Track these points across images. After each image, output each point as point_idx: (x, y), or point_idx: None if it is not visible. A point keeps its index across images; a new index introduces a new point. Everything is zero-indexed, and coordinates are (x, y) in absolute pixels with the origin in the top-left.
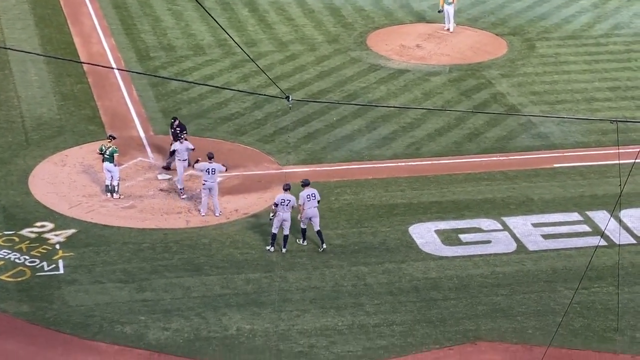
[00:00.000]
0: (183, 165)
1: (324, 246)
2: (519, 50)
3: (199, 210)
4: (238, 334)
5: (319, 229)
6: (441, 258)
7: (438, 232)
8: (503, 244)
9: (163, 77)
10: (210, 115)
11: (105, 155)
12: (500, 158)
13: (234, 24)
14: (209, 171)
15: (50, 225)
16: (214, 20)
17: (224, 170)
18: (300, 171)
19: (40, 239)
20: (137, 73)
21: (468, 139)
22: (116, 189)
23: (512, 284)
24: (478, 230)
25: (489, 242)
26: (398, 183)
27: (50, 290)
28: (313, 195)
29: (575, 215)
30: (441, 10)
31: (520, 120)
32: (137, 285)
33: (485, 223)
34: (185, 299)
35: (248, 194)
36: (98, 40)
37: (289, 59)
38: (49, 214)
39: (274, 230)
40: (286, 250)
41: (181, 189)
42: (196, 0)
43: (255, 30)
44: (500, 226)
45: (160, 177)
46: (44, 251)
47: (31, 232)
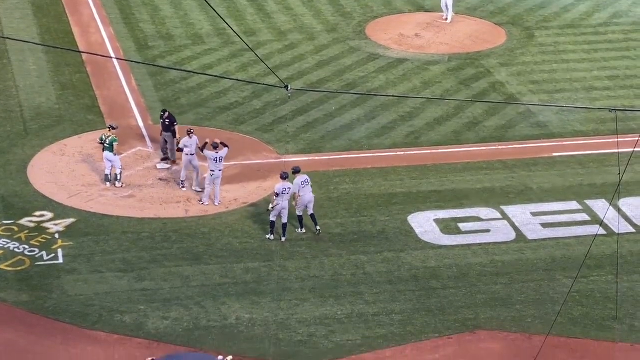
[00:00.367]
0: (189, 160)
1: (318, 228)
2: (518, 39)
3: (201, 200)
4: (237, 323)
5: (312, 212)
6: (440, 247)
7: (437, 221)
8: (502, 233)
9: (162, 67)
10: (209, 104)
11: (105, 145)
12: (499, 147)
13: (233, 13)
14: (216, 160)
15: (49, 215)
16: (213, 9)
17: (227, 150)
18: (300, 160)
19: (39, 229)
20: (136, 62)
21: (467, 128)
22: (118, 178)
23: (511, 273)
24: (477, 219)
25: (488, 231)
26: (397, 172)
27: (50, 280)
28: (307, 181)
29: (574, 204)
30: None
31: (519, 109)
32: (137, 275)
33: (484, 212)
34: (185, 288)
35: (247, 183)
36: (97, 30)
37: (288, 48)
38: (48, 204)
39: (273, 219)
40: (285, 240)
41: (182, 181)
42: None
43: (254, 19)
44: (499, 215)
45: (159, 167)
46: (43, 240)
47: (30, 222)
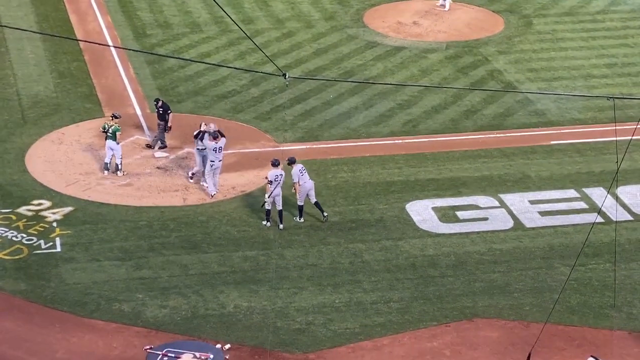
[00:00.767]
0: (203, 155)
1: (326, 214)
2: (516, 27)
3: (210, 194)
4: (235, 311)
5: (315, 200)
6: (438, 235)
7: (435, 209)
8: (500, 221)
9: (159, 55)
10: (207, 92)
11: (108, 134)
12: (497, 135)
13: (231, 1)
14: (215, 150)
15: (47, 203)
16: None
17: (225, 140)
18: (297, 149)
19: (37, 217)
20: (134, 51)
21: (465, 116)
22: (119, 167)
23: (509, 261)
24: (475, 207)
25: (486, 219)
26: (395, 160)
27: (48, 268)
28: (304, 169)
29: (572, 192)
30: None
31: (517, 97)
32: (135, 263)
33: (482, 200)
34: (183, 277)
35: (245, 171)
36: (94, 18)
37: (286, 36)
38: (45, 192)
39: (268, 207)
40: (283, 227)
41: (193, 173)
42: None
43: (251, 7)
44: (497, 203)
45: (157, 155)
46: (41, 229)
47: (28, 210)
